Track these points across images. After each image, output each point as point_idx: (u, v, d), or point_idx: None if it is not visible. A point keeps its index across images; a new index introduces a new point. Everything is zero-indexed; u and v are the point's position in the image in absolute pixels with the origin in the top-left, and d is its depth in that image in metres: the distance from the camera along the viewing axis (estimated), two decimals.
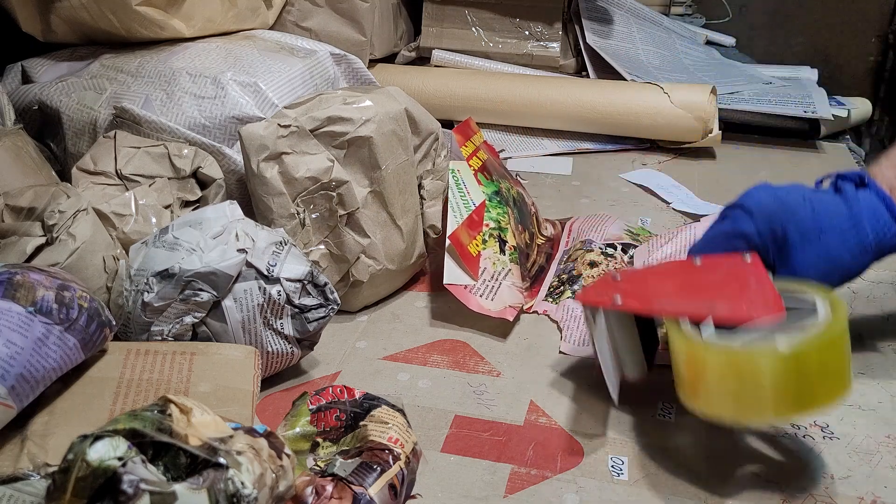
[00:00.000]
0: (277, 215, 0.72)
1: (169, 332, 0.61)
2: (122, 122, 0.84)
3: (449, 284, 0.75)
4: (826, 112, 1.20)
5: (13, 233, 0.64)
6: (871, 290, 0.83)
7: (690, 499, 0.56)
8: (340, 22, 1.20)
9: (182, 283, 0.60)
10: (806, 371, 0.51)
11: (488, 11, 1.35)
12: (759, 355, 0.51)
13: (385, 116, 0.75)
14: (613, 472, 0.58)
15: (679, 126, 1.16)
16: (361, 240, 0.75)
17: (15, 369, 0.47)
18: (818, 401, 0.52)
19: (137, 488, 0.33)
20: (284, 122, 0.72)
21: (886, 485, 0.57)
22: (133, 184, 0.75)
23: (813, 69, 1.46)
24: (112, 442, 0.33)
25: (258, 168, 0.71)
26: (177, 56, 0.90)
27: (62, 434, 0.49)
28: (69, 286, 0.53)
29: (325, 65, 0.96)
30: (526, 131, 1.26)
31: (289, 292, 0.63)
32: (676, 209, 1.01)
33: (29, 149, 0.78)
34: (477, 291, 0.75)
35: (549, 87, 1.22)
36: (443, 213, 0.82)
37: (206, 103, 0.85)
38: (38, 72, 0.94)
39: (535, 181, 1.11)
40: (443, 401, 0.66)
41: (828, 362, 0.52)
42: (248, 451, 0.38)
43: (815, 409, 0.54)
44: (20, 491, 0.40)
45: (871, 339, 0.74)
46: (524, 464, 0.59)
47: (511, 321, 0.74)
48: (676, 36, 1.53)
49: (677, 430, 0.62)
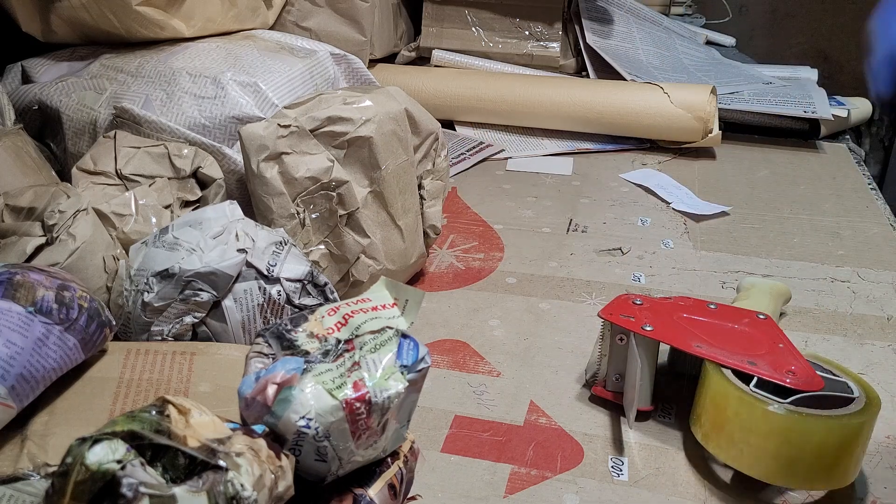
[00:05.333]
0: (277, 215, 0.72)
1: (169, 332, 0.61)
2: (122, 122, 0.83)
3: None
4: (826, 112, 1.20)
5: (13, 233, 0.64)
6: (871, 290, 0.83)
7: (690, 499, 0.56)
8: (340, 22, 1.20)
9: (182, 283, 0.60)
10: (849, 448, 0.53)
11: (488, 11, 1.35)
12: (813, 423, 0.52)
13: (385, 116, 0.75)
14: (613, 472, 0.58)
15: (679, 126, 1.16)
16: (361, 240, 0.75)
17: (15, 369, 0.47)
18: (840, 480, 0.54)
19: (137, 492, 0.33)
20: (284, 122, 0.72)
21: (886, 485, 0.57)
22: (133, 184, 0.74)
23: (813, 69, 1.46)
24: (111, 445, 0.33)
25: (258, 168, 0.71)
26: (177, 56, 0.90)
27: (62, 434, 0.49)
28: (69, 286, 0.53)
29: (325, 65, 0.96)
30: (526, 131, 1.26)
31: (289, 292, 0.63)
32: (676, 209, 1.01)
33: (29, 149, 0.78)
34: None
35: (549, 87, 1.22)
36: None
37: (206, 103, 0.85)
38: (38, 72, 0.94)
39: (535, 181, 1.11)
40: (443, 401, 0.66)
41: (864, 444, 0.54)
42: (248, 452, 0.38)
43: (833, 485, 0.55)
44: (20, 491, 0.40)
45: (871, 339, 0.74)
46: (524, 464, 0.59)
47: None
48: (676, 36, 1.53)
49: (677, 430, 0.63)
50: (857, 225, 0.97)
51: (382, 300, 0.50)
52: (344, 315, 0.49)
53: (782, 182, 1.10)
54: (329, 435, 0.42)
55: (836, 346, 0.73)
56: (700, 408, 0.58)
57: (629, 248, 0.92)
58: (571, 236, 0.95)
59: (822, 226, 0.97)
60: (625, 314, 0.63)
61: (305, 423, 0.42)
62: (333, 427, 0.42)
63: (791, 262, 0.88)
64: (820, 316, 0.78)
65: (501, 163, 1.17)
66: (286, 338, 0.48)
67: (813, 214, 1.00)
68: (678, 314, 0.64)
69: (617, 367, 0.64)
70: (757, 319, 0.63)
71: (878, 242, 0.93)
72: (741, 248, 0.92)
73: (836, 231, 0.96)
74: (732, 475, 0.58)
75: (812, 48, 2.05)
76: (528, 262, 0.89)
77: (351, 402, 0.42)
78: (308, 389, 0.42)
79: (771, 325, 0.63)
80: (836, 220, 0.99)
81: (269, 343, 0.48)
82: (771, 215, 1.00)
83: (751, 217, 1.00)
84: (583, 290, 0.83)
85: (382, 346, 0.46)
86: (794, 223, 0.98)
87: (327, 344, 0.47)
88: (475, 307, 0.80)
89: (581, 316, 0.78)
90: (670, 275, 0.86)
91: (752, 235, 0.95)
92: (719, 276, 0.86)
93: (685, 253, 0.91)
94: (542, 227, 0.97)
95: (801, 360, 0.58)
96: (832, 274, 0.86)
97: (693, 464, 0.59)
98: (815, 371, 0.57)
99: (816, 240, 0.94)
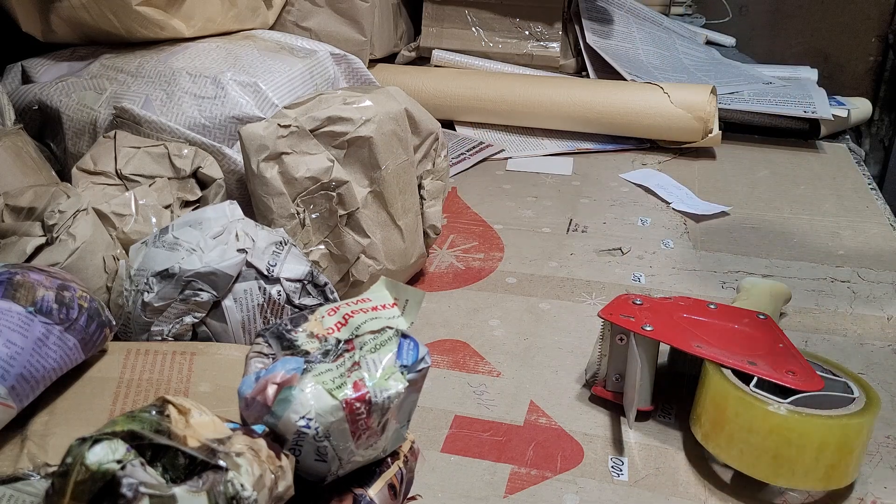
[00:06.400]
0: (277, 215, 0.72)
1: (169, 332, 0.61)
2: (122, 122, 0.83)
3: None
4: (826, 112, 1.20)
5: (13, 233, 0.64)
6: (871, 290, 0.83)
7: (690, 499, 0.56)
8: (340, 22, 1.20)
9: (182, 283, 0.60)
10: (849, 448, 0.53)
11: (488, 11, 1.35)
12: (814, 423, 0.52)
13: (385, 116, 0.75)
14: (613, 472, 0.58)
15: (679, 126, 1.16)
16: (361, 240, 0.75)
17: (15, 369, 0.47)
18: (840, 480, 0.54)
19: (137, 492, 0.33)
20: (284, 122, 0.72)
21: (886, 485, 0.57)
22: (133, 184, 0.74)
23: (813, 69, 1.46)
24: (111, 445, 0.33)
25: (258, 168, 0.71)
26: (177, 56, 0.90)
27: (62, 434, 0.49)
28: (69, 286, 0.53)
29: (325, 65, 0.96)
30: (526, 131, 1.26)
31: (289, 292, 0.63)
32: (676, 209, 1.01)
33: (29, 149, 0.78)
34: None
35: (549, 87, 1.22)
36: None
37: (206, 103, 0.85)
38: (38, 72, 0.94)
39: (535, 181, 1.11)
40: (443, 401, 0.66)
41: (864, 444, 0.54)
42: (248, 452, 0.38)
43: (833, 485, 0.55)
44: (20, 491, 0.40)
45: (871, 338, 0.74)
46: (524, 464, 0.59)
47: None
48: (676, 36, 1.53)
49: (677, 430, 0.63)
50: (857, 225, 0.97)
51: (382, 300, 0.50)
52: (344, 315, 0.49)
53: (782, 182, 1.10)
54: (329, 435, 0.42)
55: (836, 346, 0.73)
56: (700, 408, 0.58)
57: (629, 248, 0.92)
58: (571, 236, 0.95)
59: (822, 226, 0.97)
60: (625, 314, 0.63)
61: (305, 423, 0.42)
62: (333, 427, 0.42)
63: (791, 262, 0.88)
64: (820, 316, 0.78)
65: (501, 163, 1.17)
66: (286, 338, 0.48)
67: (813, 214, 1.00)
68: (678, 314, 0.64)
69: (617, 367, 0.64)
70: (757, 319, 0.63)
71: (878, 242, 0.93)
72: (741, 248, 0.92)
73: (836, 231, 0.96)
74: (732, 475, 0.58)
75: (812, 48, 2.05)
76: (528, 262, 0.89)
77: (351, 402, 0.42)
78: (308, 389, 0.42)
79: (771, 325, 0.63)
80: (836, 220, 0.99)
81: (269, 343, 0.48)
82: (771, 215, 1.00)
83: (751, 217, 1.00)
84: (583, 290, 0.83)
85: (382, 346, 0.46)
86: (794, 223, 0.98)
87: (327, 344, 0.47)
88: (475, 307, 0.80)
89: (581, 316, 0.78)
90: (670, 275, 0.86)
91: (752, 235, 0.95)
92: (719, 276, 0.86)
93: (685, 253, 0.91)
94: (542, 227, 0.97)
95: (801, 360, 0.58)
96: (832, 274, 0.86)
97: (693, 464, 0.59)
98: (815, 371, 0.57)
99: (816, 240, 0.94)
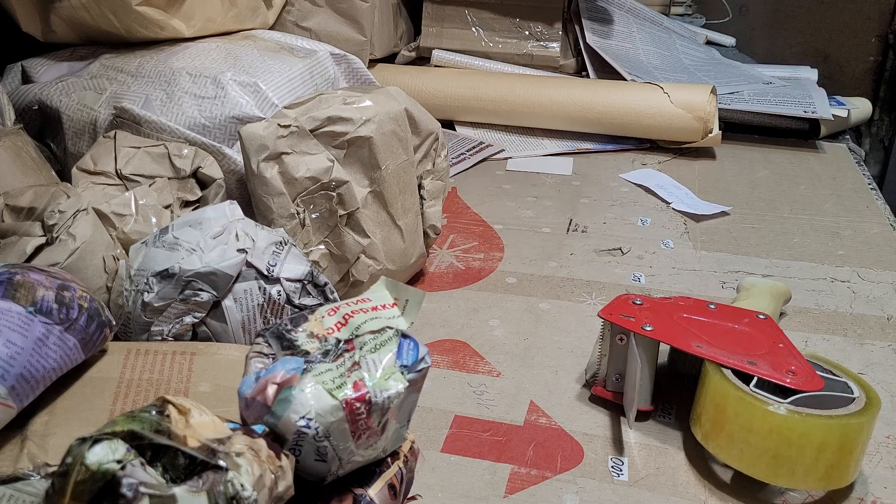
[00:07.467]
0: (277, 215, 0.72)
1: (169, 332, 0.61)
2: (122, 122, 0.83)
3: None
4: (826, 112, 1.20)
5: (13, 233, 0.64)
6: (871, 290, 0.83)
7: (690, 499, 0.56)
8: (340, 22, 1.20)
9: (182, 283, 0.60)
10: (849, 448, 0.53)
11: (488, 11, 1.35)
12: (814, 423, 0.52)
13: (385, 116, 0.75)
14: (613, 472, 0.58)
15: (679, 126, 1.16)
16: (361, 240, 0.75)
17: (15, 369, 0.47)
18: (840, 480, 0.54)
19: (137, 492, 0.33)
20: (284, 122, 0.72)
21: (886, 485, 0.57)
22: (133, 184, 0.74)
23: (813, 69, 1.46)
24: (111, 445, 0.33)
25: (258, 168, 0.71)
26: (177, 56, 0.90)
27: (62, 434, 0.49)
28: (69, 286, 0.53)
29: (325, 65, 0.96)
30: (526, 131, 1.26)
31: (289, 292, 0.63)
32: (676, 209, 1.01)
33: (29, 149, 0.78)
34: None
35: (549, 87, 1.22)
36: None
37: (206, 103, 0.85)
38: (38, 72, 0.94)
39: (535, 181, 1.11)
40: (443, 401, 0.66)
41: (864, 443, 0.54)
42: (248, 452, 0.38)
43: (833, 485, 0.55)
44: (20, 491, 0.40)
45: (871, 339, 0.74)
46: (524, 464, 0.59)
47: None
48: (676, 36, 1.53)
49: (677, 430, 0.63)
50: (857, 225, 0.97)
51: (382, 300, 0.50)
52: (344, 315, 0.49)
53: (782, 182, 1.10)
54: (329, 435, 0.42)
55: (836, 346, 0.73)
56: (700, 408, 0.58)
57: (629, 248, 0.92)
58: (571, 236, 0.95)
59: (822, 226, 0.97)
60: (625, 314, 0.63)
61: (305, 423, 0.42)
62: (333, 427, 0.42)
63: (791, 262, 0.88)
64: (820, 316, 0.78)
65: (501, 163, 1.17)
66: (286, 338, 0.48)
67: (813, 214, 1.00)
68: (678, 314, 0.64)
69: (617, 367, 0.64)
70: (757, 319, 0.63)
71: (878, 242, 0.93)
72: (741, 248, 0.92)
73: (836, 231, 0.96)
74: (732, 475, 0.58)
75: (812, 48, 2.05)
76: (528, 262, 0.89)
77: (351, 402, 0.42)
78: (308, 389, 0.42)
79: (771, 325, 0.63)
80: (836, 220, 0.99)
81: (269, 343, 0.48)
82: (771, 215, 1.00)
83: (751, 217, 1.00)
84: (583, 290, 0.83)
85: (382, 346, 0.46)
86: (794, 223, 0.98)
87: (327, 344, 0.47)
88: (475, 307, 0.80)
89: (581, 316, 0.78)
90: (670, 275, 0.86)
91: (752, 235, 0.95)
92: (719, 276, 0.86)
93: (685, 253, 0.91)
94: (542, 227, 0.97)
95: (801, 360, 0.58)
96: (832, 274, 0.86)
97: (693, 464, 0.59)
98: (815, 371, 0.57)
99: (816, 240, 0.94)
